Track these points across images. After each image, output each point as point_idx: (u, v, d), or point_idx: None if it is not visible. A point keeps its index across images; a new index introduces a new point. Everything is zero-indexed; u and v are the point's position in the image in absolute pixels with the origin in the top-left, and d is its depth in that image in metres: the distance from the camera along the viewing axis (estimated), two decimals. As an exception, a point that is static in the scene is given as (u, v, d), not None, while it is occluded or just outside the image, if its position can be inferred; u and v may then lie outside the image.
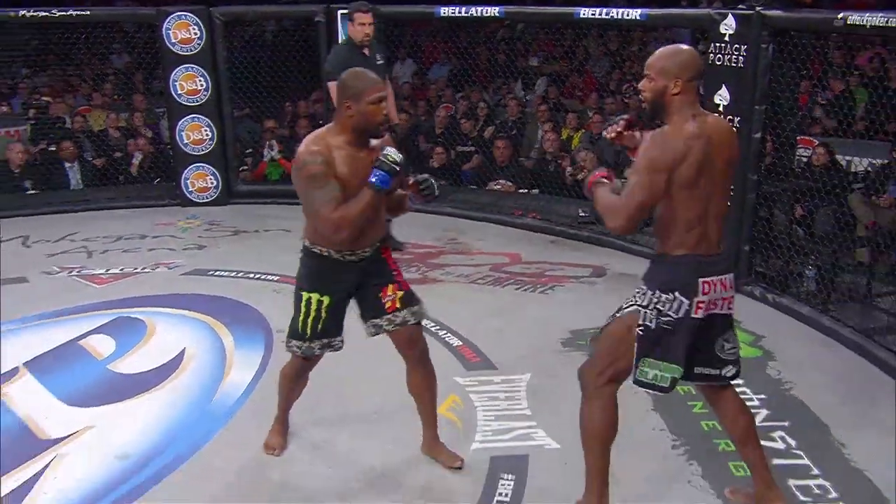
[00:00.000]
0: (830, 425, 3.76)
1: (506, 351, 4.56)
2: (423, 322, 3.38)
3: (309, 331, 3.21)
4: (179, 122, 7.81)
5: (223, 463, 3.54)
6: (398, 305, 3.25)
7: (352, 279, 3.19)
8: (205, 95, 7.75)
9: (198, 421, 3.92)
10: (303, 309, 3.19)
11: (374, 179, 2.93)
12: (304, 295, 3.19)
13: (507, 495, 3.28)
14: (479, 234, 6.86)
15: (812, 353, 4.60)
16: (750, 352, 4.57)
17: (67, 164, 8.22)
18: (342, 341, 3.30)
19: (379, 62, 6.00)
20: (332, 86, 5.52)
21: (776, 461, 3.46)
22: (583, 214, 6.80)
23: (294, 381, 3.48)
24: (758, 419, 3.78)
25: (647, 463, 3.49)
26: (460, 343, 4.68)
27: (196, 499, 3.29)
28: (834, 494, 3.28)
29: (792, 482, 3.35)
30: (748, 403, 3.90)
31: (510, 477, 3.39)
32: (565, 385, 4.09)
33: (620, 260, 6.18)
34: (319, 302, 3.16)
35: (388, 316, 3.25)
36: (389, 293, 3.25)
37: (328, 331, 3.23)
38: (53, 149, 8.38)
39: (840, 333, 4.72)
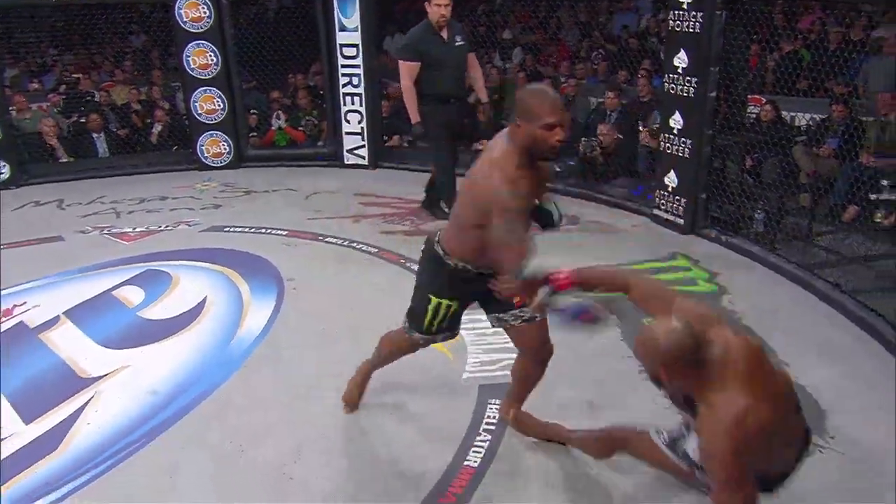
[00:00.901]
0: (776, 347, 3.77)
1: (491, 291, 4.52)
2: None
3: (435, 328, 2.96)
4: (193, 95, 7.68)
5: (242, 399, 3.54)
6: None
7: (483, 286, 2.81)
8: (215, 69, 7.61)
9: (218, 362, 3.90)
10: (431, 311, 2.91)
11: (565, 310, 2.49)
12: (434, 300, 2.89)
13: (494, 418, 3.29)
14: (465, 190, 6.78)
15: (760, 287, 4.61)
16: (706, 287, 4.58)
17: (95, 135, 8.08)
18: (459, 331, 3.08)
19: (458, 43, 5.31)
20: (402, 64, 5.27)
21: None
22: (558, 170, 6.74)
23: (398, 354, 3.22)
24: (714, 346, 3.83)
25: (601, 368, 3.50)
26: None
27: (217, 432, 3.29)
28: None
29: None
30: None
31: (497, 402, 3.38)
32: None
33: (593, 211, 6.18)
34: (449, 306, 2.90)
35: (515, 311, 2.89)
36: None
37: (452, 327, 3.01)
38: (83, 121, 8.28)
39: (784, 269, 4.73)
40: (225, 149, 7.90)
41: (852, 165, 5.28)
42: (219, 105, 7.74)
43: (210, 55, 7.55)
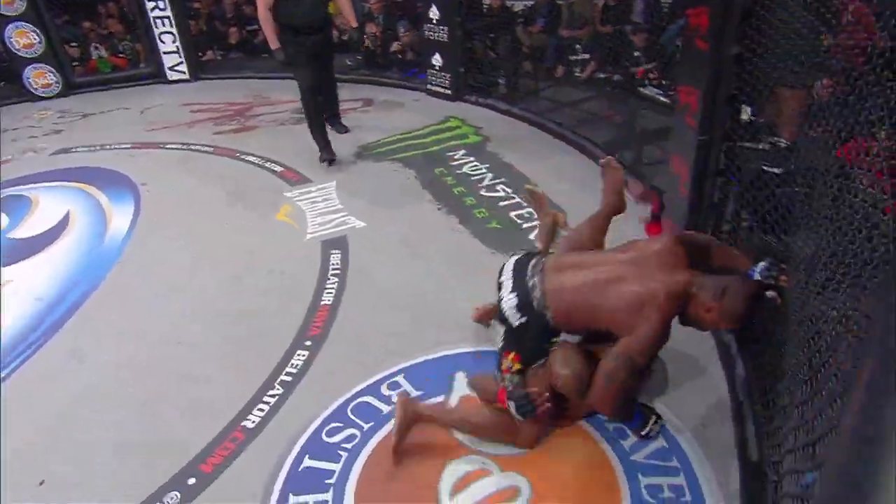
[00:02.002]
0: (531, 178, 3.85)
1: (316, 168, 4.24)
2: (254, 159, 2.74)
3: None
4: (5, 31, 6.14)
5: (125, 290, 3.11)
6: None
7: None
8: (21, 5, 6.09)
9: (95, 261, 3.37)
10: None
11: None
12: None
13: (337, 264, 3.15)
14: (279, 90, 6.16)
15: (511, 132, 4.66)
16: (475, 139, 4.56)
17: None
18: None
19: None
20: None
21: (501, 203, 3.58)
22: (349, 63, 6.28)
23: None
24: (486, 181, 3.88)
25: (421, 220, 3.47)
26: (283, 168, 4.28)
27: (108, 322, 2.88)
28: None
29: (511, 213, 3.47)
30: (479, 174, 3.98)
31: (337, 252, 3.24)
32: (361, 182, 3.96)
33: (382, 92, 5.84)
34: None
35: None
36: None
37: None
38: None
39: (525, 116, 4.81)
40: (52, 79, 6.52)
41: (555, 37, 5.34)
42: (34, 39, 6.28)
43: (12, -9, 6.00)
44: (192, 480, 2.04)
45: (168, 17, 6.50)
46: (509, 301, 2.05)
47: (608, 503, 1.87)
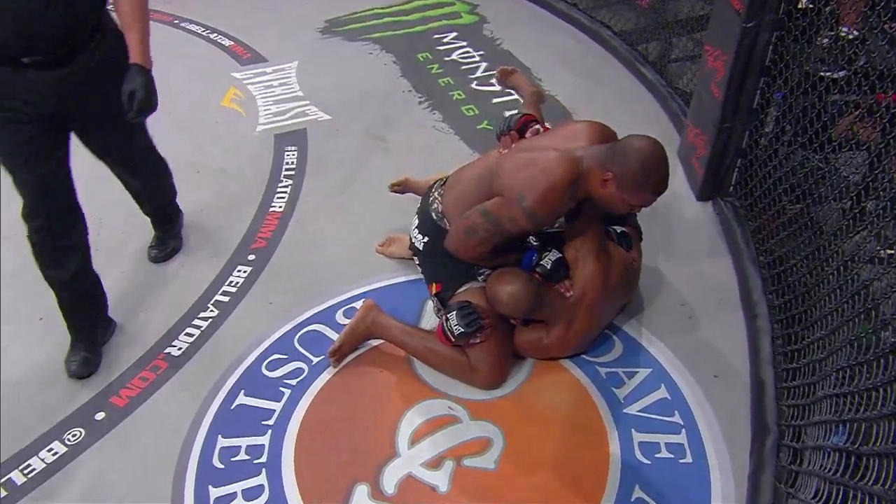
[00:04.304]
0: (532, 68, 3.60)
1: (273, 45, 3.91)
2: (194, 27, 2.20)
3: None
4: None
5: None
6: None
7: None
8: None
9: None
10: None
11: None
12: None
13: (293, 163, 2.95)
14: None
15: (512, 13, 4.28)
16: (469, 19, 4.21)
17: None
18: None
19: None
20: None
21: (495, 100, 3.36)
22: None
23: None
24: (479, 72, 3.61)
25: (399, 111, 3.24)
26: (232, 42, 3.94)
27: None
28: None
29: (507, 112, 3.16)
30: (471, 63, 3.71)
31: (293, 148, 3.03)
32: (327, 65, 3.68)
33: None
34: None
35: None
36: None
37: None
38: None
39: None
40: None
41: None
42: None
43: None
44: (100, 415, 1.93)
45: None
46: (413, 225, 2.12)
47: (593, 462, 1.79)
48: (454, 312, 1.91)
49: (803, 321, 1.87)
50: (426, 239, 2.06)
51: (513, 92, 2.94)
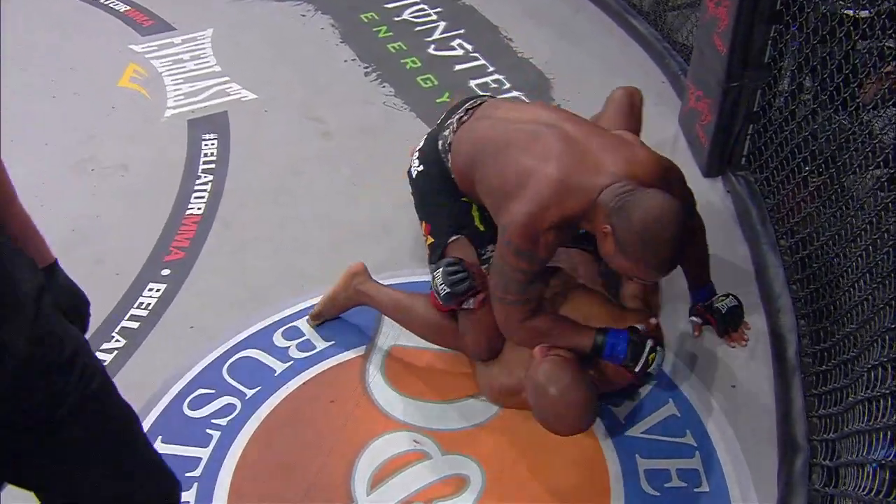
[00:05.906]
0: (500, 26, 3.69)
1: (181, 9, 3.91)
2: None
3: None
4: None
5: None
6: None
7: None
8: None
9: None
10: None
11: None
12: None
13: (213, 154, 2.97)
14: None
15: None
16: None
17: None
18: None
19: None
20: None
21: (457, 66, 3.44)
22: None
23: None
24: (437, 33, 3.67)
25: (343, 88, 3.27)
26: (129, 7, 3.94)
27: None
28: (508, 85, 3.30)
29: (472, 82, 3.34)
30: (427, 23, 3.77)
31: (212, 136, 3.06)
32: (251, 33, 3.71)
33: None
34: None
35: None
36: None
37: None
38: None
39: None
40: None
41: None
42: None
43: None
44: (-18, 477, 1.91)
45: None
46: (417, 146, 2.19)
47: (591, 498, 1.82)
48: (440, 270, 1.97)
49: (832, 314, 1.93)
50: (421, 168, 2.12)
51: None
